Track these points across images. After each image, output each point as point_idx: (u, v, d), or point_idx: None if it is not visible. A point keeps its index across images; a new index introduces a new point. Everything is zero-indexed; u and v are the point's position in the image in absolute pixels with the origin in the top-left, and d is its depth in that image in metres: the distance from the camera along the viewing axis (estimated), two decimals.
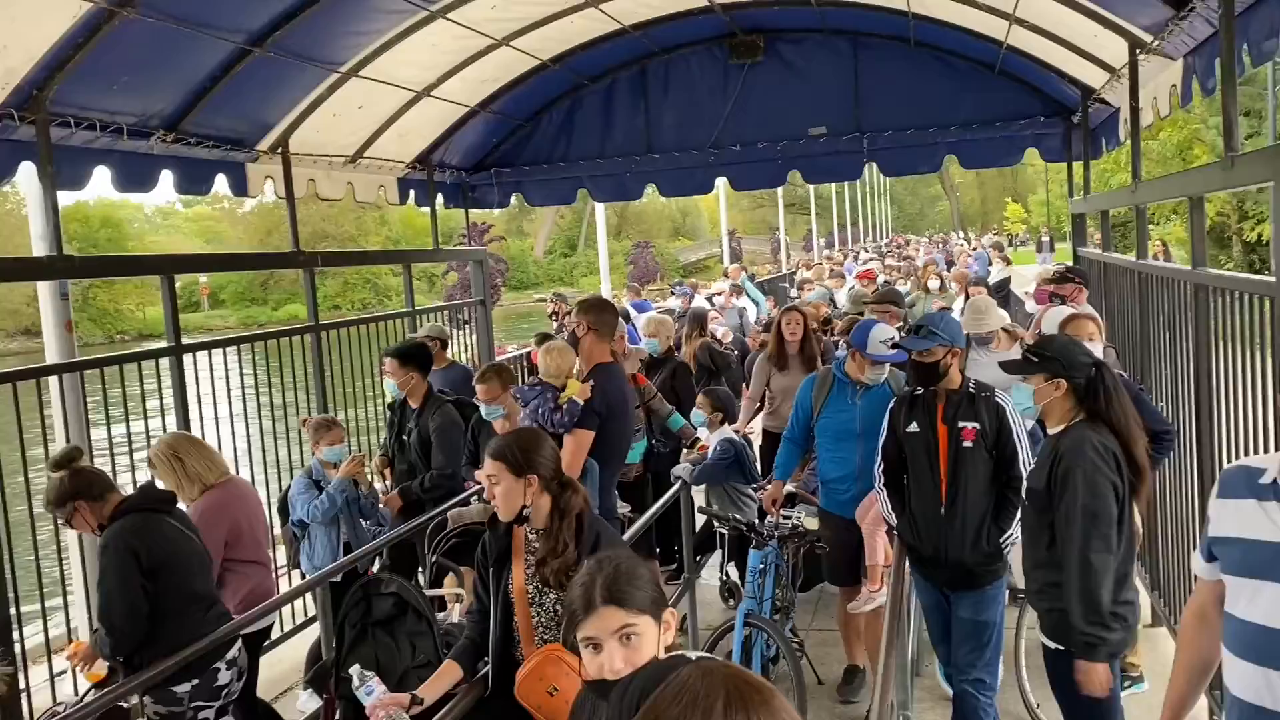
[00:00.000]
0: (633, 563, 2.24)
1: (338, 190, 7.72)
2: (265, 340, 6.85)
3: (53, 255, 5.05)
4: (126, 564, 3.84)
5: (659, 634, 2.17)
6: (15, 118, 4.78)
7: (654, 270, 46.01)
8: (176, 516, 4.21)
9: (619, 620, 2.11)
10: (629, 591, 2.14)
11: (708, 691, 1.18)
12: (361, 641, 4.11)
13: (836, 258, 24.28)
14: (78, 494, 3.98)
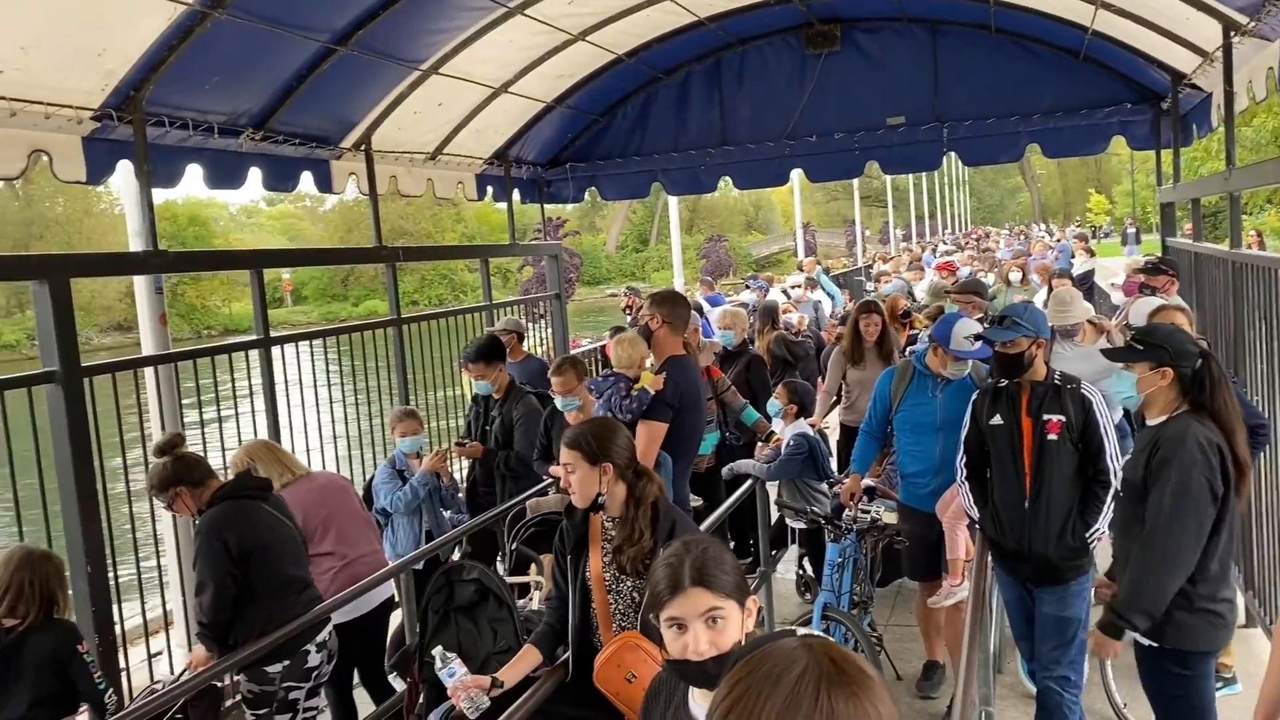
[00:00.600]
0: (719, 548, 2.26)
1: (418, 186, 7.86)
2: (349, 333, 7.02)
3: (148, 250, 5.24)
4: (216, 551, 3.99)
5: (742, 620, 2.18)
6: (114, 118, 4.96)
7: (727, 264, 45.84)
8: (272, 503, 4.35)
9: (706, 602, 2.12)
10: (716, 575, 2.15)
11: (804, 664, 1.16)
12: (444, 627, 4.19)
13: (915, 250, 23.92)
14: (179, 480, 4.12)
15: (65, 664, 3.65)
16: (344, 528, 5.01)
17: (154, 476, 4.16)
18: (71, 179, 4.99)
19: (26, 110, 4.54)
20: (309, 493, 4.89)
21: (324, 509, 4.89)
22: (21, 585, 3.61)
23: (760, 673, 1.16)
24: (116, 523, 5.18)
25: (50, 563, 3.72)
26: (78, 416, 4.57)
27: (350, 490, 5.27)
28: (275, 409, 5.96)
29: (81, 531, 4.57)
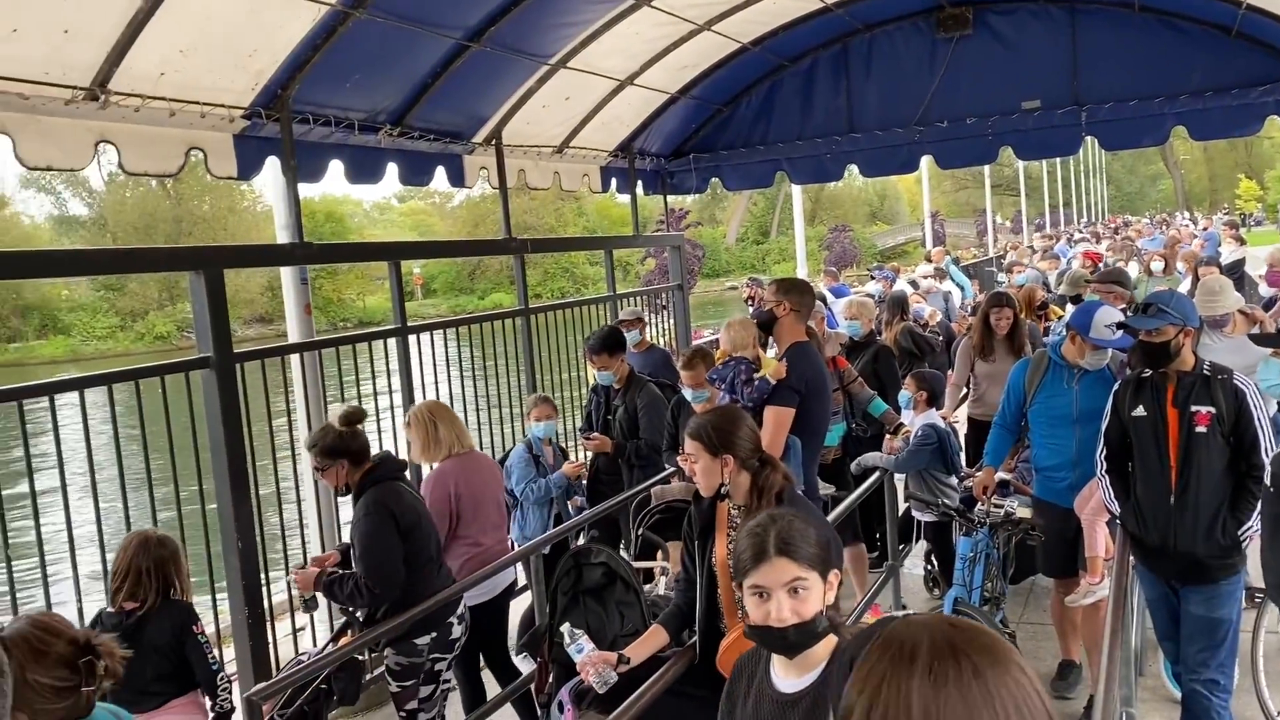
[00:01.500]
0: (804, 521, 2.34)
1: (545, 179, 8.01)
2: (480, 323, 7.21)
3: (295, 242, 5.49)
4: (387, 526, 4.16)
5: (824, 592, 2.26)
6: (263, 116, 5.21)
7: (852, 254, 45.03)
8: (408, 483, 4.54)
9: (790, 572, 2.21)
10: (800, 546, 2.23)
11: (929, 638, 1.14)
12: (573, 608, 4.28)
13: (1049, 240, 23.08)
14: (347, 452, 4.27)
15: (181, 645, 3.78)
16: (489, 514, 5.16)
17: (324, 440, 4.28)
18: (224, 175, 5.27)
19: (184, 110, 4.82)
20: (475, 472, 5.05)
21: (481, 490, 5.04)
22: (140, 570, 3.75)
23: (889, 657, 1.14)
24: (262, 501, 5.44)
25: (165, 547, 3.84)
26: (230, 399, 4.84)
27: (500, 476, 5.41)
28: (411, 395, 6.17)
29: (233, 509, 4.83)
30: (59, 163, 4.49)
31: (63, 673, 2.18)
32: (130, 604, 3.76)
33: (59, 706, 2.17)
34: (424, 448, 4.99)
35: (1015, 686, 1.10)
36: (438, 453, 5.00)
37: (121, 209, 48.94)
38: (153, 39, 4.35)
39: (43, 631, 2.23)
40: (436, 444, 4.98)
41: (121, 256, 9.70)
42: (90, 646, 2.26)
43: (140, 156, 4.76)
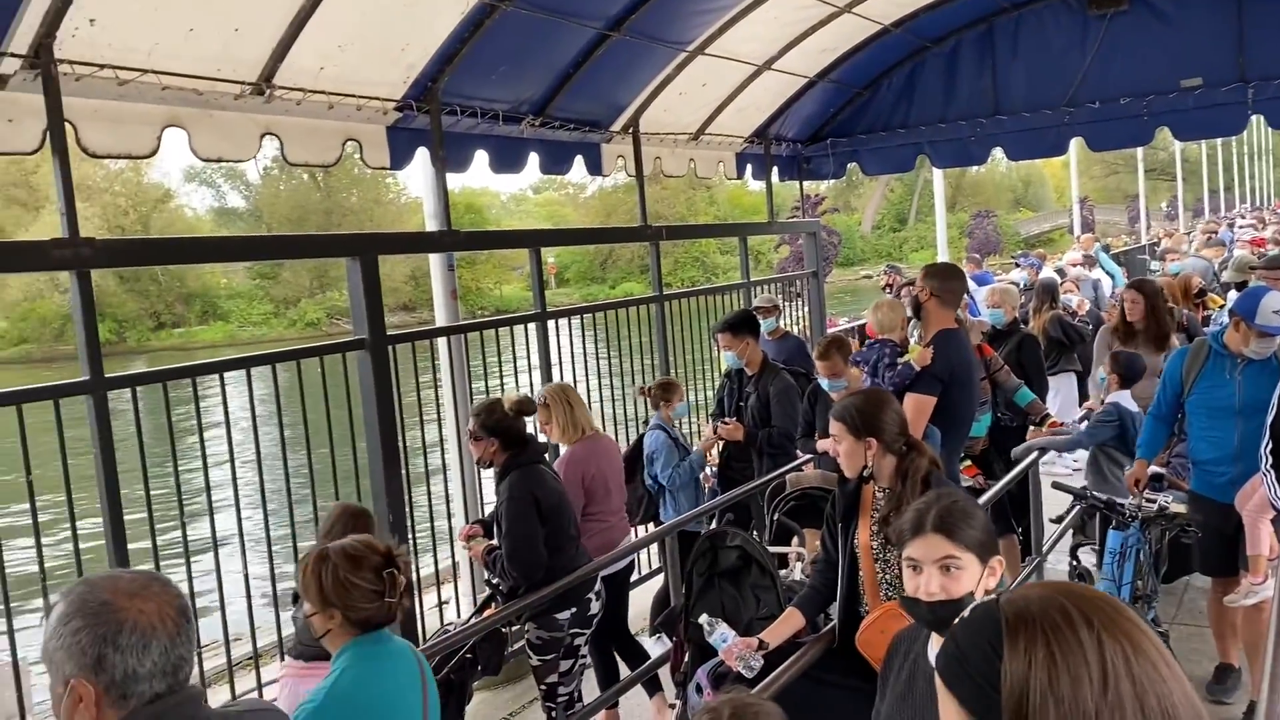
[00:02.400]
0: (970, 504, 2.38)
1: (680, 167, 8.06)
2: (616, 309, 7.32)
3: (443, 230, 5.70)
4: (530, 511, 4.31)
5: (981, 576, 2.29)
6: (414, 108, 5.42)
7: (995, 241, 43.59)
8: (549, 466, 4.68)
9: (943, 549, 2.27)
10: (959, 526, 2.28)
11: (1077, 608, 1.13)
12: (708, 590, 4.32)
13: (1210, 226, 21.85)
14: (504, 433, 4.43)
15: None
16: (614, 494, 5.28)
17: (490, 416, 4.43)
18: (377, 165, 5.50)
19: (342, 103, 5.05)
20: (604, 453, 5.22)
21: (610, 471, 5.18)
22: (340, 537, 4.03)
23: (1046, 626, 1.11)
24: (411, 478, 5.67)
25: (365, 518, 4.09)
26: (383, 379, 5.07)
27: (620, 457, 5.54)
28: (549, 379, 6.32)
29: (384, 482, 5.07)
30: (229, 154, 4.78)
31: (374, 578, 2.52)
32: None
33: (370, 607, 2.52)
34: (564, 429, 5.15)
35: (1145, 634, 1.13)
36: (575, 434, 5.15)
37: (276, 201, 51.42)
38: (314, 35, 4.58)
39: (359, 544, 2.59)
40: (574, 426, 5.14)
41: (286, 242, 10.32)
42: (394, 560, 2.58)
43: (301, 148, 5.02)
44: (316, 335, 42.50)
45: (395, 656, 2.63)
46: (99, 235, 4.48)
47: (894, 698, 2.35)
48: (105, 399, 3.90)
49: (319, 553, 2.60)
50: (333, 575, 2.52)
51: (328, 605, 2.52)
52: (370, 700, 2.48)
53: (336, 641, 2.56)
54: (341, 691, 2.46)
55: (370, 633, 2.57)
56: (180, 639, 1.75)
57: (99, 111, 4.14)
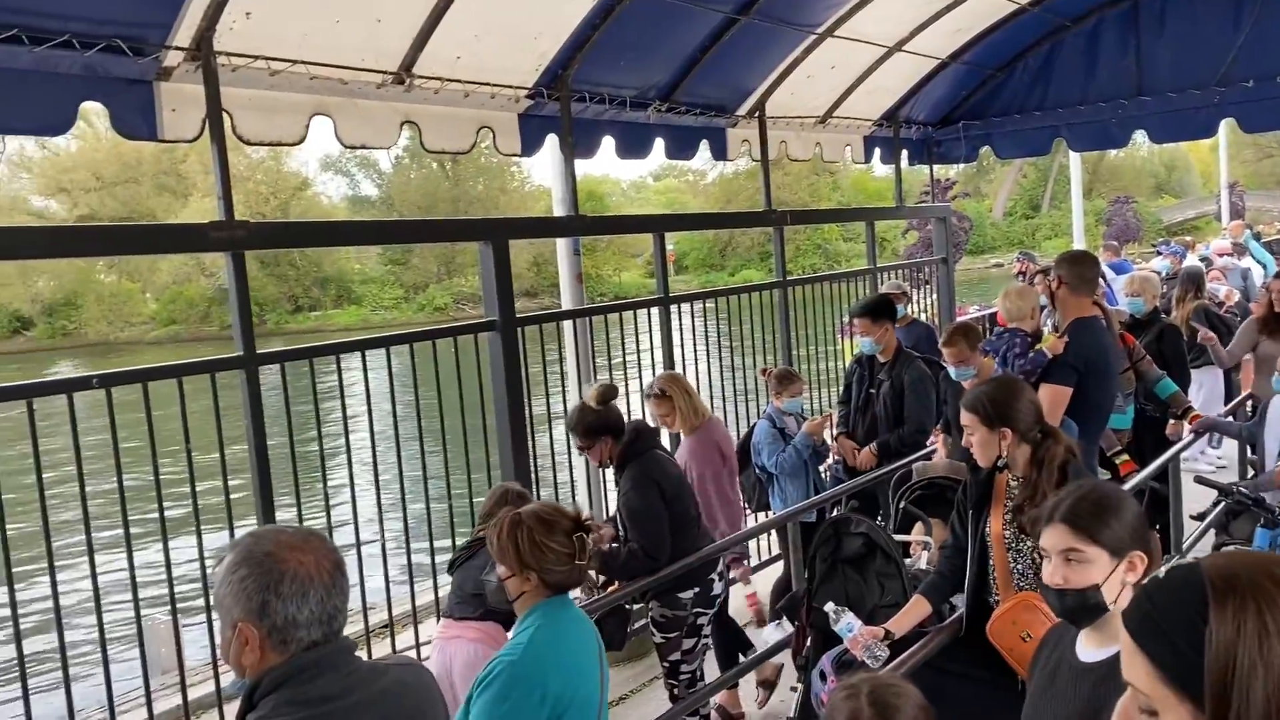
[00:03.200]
0: (1114, 499, 2.29)
1: (806, 151, 7.99)
2: (738, 294, 7.32)
3: (570, 215, 5.81)
4: (654, 495, 4.39)
5: (1117, 571, 2.22)
6: (545, 95, 5.53)
7: (1135, 228, 41.65)
8: (665, 450, 4.74)
9: (1065, 541, 2.24)
10: (1088, 520, 2.24)
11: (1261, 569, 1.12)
12: (831, 576, 4.31)
13: None
14: (608, 429, 4.50)
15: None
16: (730, 478, 5.32)
17: (584, 420, 4.50)
18: (509, 152, 5.64)
19: (477, 91, 5.20)
20: (725, 438, 5.30)
21: (729, 455, 5.23)
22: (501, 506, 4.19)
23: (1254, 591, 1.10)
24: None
25: (522, 500, 4.22)
26: (512, 360, 5.21)
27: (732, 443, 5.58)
28: (671, 362, 6.38)
29: (513, 461, 5.21)
30: (371, 141, 4.97)
31: (565, 541, 2.64)
32: (483, 534, 4.17)
33: (563, 570, 2.65)
34: (685, 417, 5.21)
35: None
36: (696, 420, 5.21)
37: (406, 189, 52.97)
38: (451, 25, 4.72)
39: (551, 510, 2.71)
40: (694, 413, 5.21)
41: (422, 227, 10.69)
42: (584, 525, 2.70)
43: (438, 135, 5.18)
44: (443, 319, 43.65)
45: (579, 620, 2.77)
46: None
47: (1037, 690, 2.33)
48: (257, 373, 4.12)
49: (513, 517, 2.69)
50: (528, 539, 2.62)
51: (525, 568, 2.63)
52: (560, 658, 2.61)
53: (527, 603, 2.67)
54: (537, 647, 2.58)
55: (558, 596, 2.68)
56: (335, 591, 1.87)
57: (252, 101, 4.37)
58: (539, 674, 2.55)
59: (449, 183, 52.76)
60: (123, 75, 3.91)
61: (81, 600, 4.69)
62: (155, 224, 14.75)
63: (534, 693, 2.53)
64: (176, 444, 3.99)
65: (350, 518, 4.91)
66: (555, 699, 2.55)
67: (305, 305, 47.97)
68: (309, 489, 5.36)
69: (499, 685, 2.53)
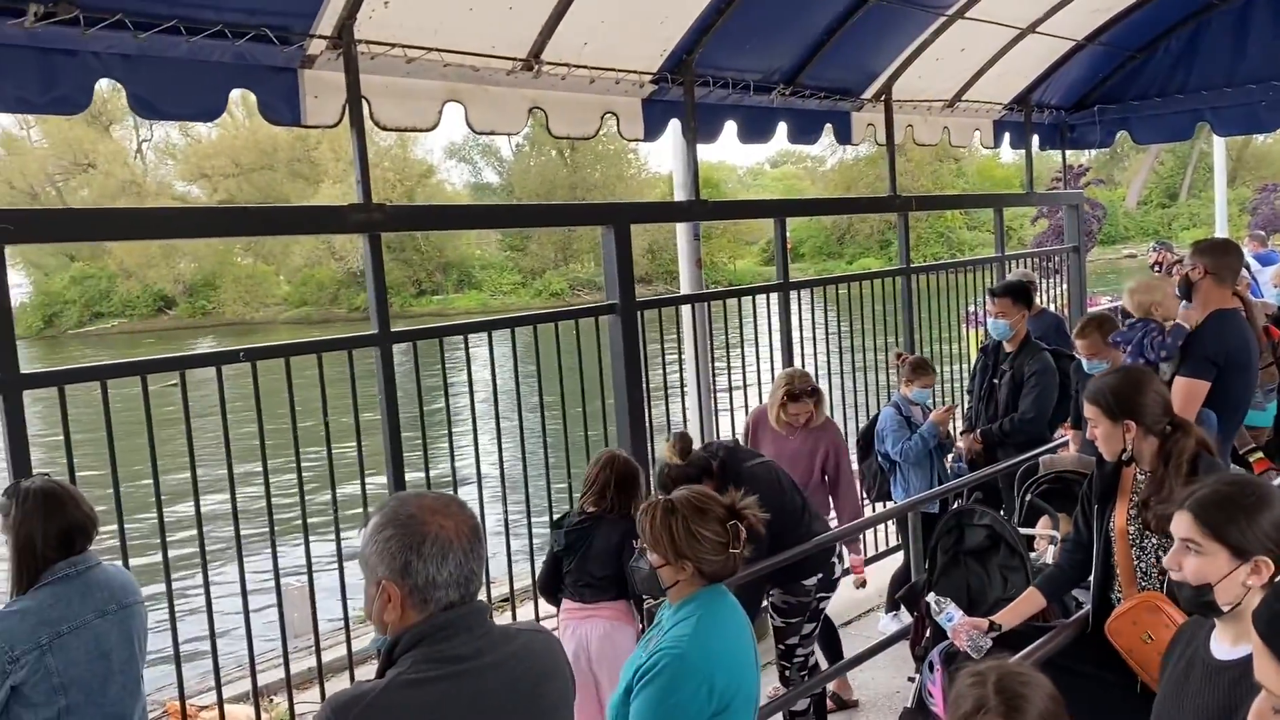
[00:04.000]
0: (1251, 498, 2.18)
1: (933, 135, 7.82)
2: (861, 281, 7.23)
3: (692, 200, 5.83)
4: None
5: (1238, 572, 2.12)
6: (669, 80, 5.56)
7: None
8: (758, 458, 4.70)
9: (1185, 530, 2.19)
10: (1212, 512, 2.17)
11: None
12: (953, 568, 4.24)
13: None
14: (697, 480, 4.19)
15: (620, 553, 4.17)
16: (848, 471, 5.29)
17: (672, 480, 4.15)
18: (632, 137, 5.69)
19: (602, 77, 5.26)
20: (837, 434, 5.29)
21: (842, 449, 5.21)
22: (606, 482, 4.24)
23: None
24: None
25: (629, 467, 4.30)
26: (631, 343, 5.28)
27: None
28: (790, 349, 6.35)
29: (630, 441, 5.28)
30: (499, 127, 5.09)
31: (719, 530, 2.62)
32: (591, 508, 4.26)
33: (718, 559, 2.62)
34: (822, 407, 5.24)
35: None
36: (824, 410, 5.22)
37: (526, 176, 53.81)
38: (579, 11, 4.79)
39: (704, 497, 2.69)
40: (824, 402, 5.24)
41: (546, 211, 10.93)
42: (737, 512, 2.67)
43: (564, 121, 5.27)
44: (559, 304, 44.24)
45: (736, 610, 2.73)
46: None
47: (1170, 687, 2.26)
48: (391, 351, 4.29)
49: (666, 504, 2.67)
50: (682, 527, 2.60)
51: (680, 557, 2.61)
52: (725, 650, 2.59)
53: (683, 592, 2.64)
54: (703, 640, 2.55)
55: (715, 584, 2.65)
56: (472, 555, 1.95)
57: (389, 88, 4.53)
58: (706, 667, 2.52)
59: (567, 169, 53.37)
60: (270, 63, 4.11)
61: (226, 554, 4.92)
62: (299, 206, 15.53)
63: (701, 687, 2.50)
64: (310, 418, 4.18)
65: (474, 494, 5.05)
66: (721, 692, 2.52)
67: (428, 289, 49.27)
68: (435, 462, 5.54)
69: (665, 679, 2.50)
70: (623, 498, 4.22)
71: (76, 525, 2.88)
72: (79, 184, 48.06)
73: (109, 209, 17.30)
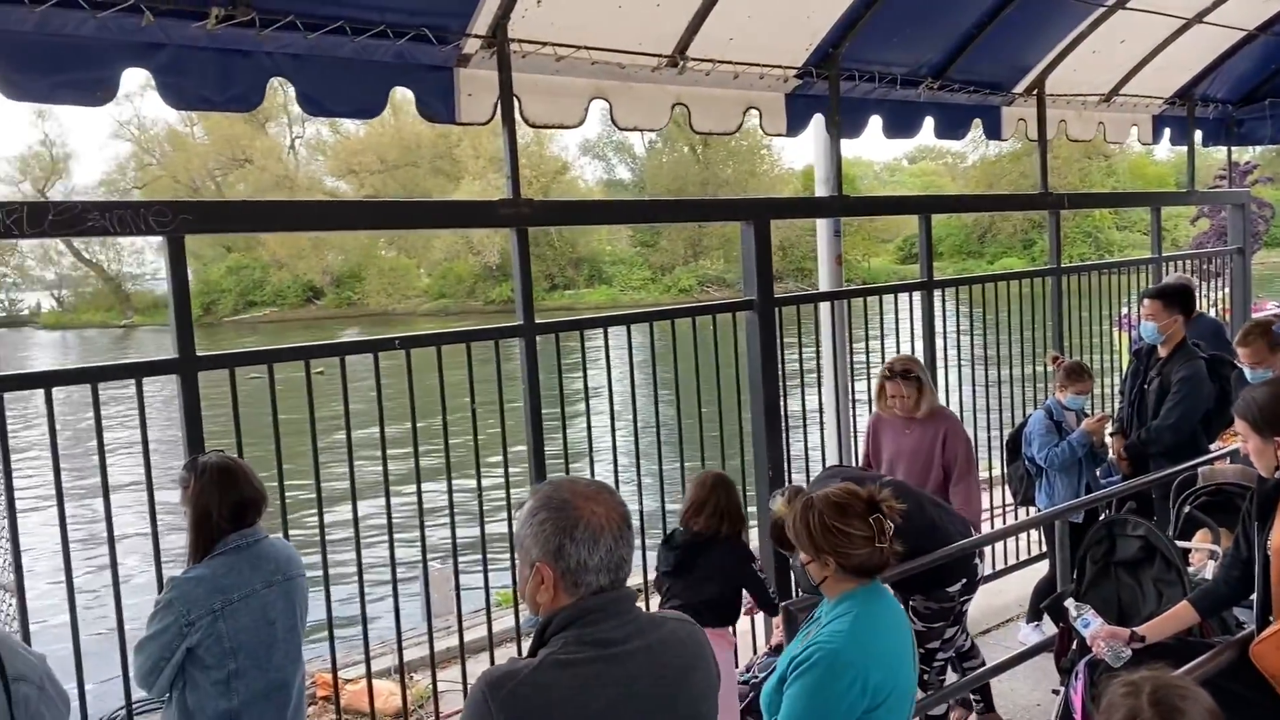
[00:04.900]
0: None
1: (1088, 131, 7.52)
2: (1008, 280, 7.01)
3: (833, 195, 5.76)
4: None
5: None
6: (814, 75, 5.51)
7: None
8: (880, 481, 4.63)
9: None
10: None
11: None
12: (1103, 579, 4.09)
13: None
14: None
15: (737, 574, 4.26)
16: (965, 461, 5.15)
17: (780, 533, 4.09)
18: (774, 132, 5.66)
19: (746, 72, 5.25)
20: (954, 422, 5.19)
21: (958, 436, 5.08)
22: (717, 503, 4.26)
23: None
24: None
25: (734, 489, 4.33)
26: (769, 340, 5.26)
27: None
28: (932, 347, 6.21)
29: (767, 440, 5.27)
30: (643, 124, 5.14)
31: (861, 524, 2.64)
32: (697, 526, 4.28)
33: (861, 553, 2.63)
34: (930, 401, 5.10)
35: None
36: (931, 402, 5.09)
37: (658, 173, 54.10)
38: (726, 6, 4.79)
39: (844, 493, 2.72)
40: (932, 394, 5.12)
41: (687, 206, 11.04)
42: (877, 505, 2.69)
43: (707, 117, 5.28)
44: (688, 300, 44.33)
45: (894, 608, 2.74)
46: None
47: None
48: (534, 342, 4.39)
49: (805, 501, 2.73)
50: (819, 522, 2.64)
51: (820, 552, 2.65)
52: (881, 647, 2.59)
53: (835, 588, 2.67)
54: (859, 636, 2.57)
55: (870, 582, 2.67)
56: (622, 542, 1.99)
57: (538, 85, 4.63)
58: (861, 663, 2.53)
59: (699, 166, 53.43)
60: (427, 62, 4.25)
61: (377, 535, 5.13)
62: (453, 200, 16.15)
63: (856, 682, 2.51)
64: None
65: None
66: (875, 689, 2.52)
67: (560, 284, 50.11)
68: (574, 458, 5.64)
69: (819, 673, 2.52)
70: (733, 518, 4.24)
71: (249, 500, 3.06)
72: (236, 178, 50.79)
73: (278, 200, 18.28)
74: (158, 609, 2.95)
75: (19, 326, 53.91)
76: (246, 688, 3.01)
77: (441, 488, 4.26)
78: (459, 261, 49.82)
